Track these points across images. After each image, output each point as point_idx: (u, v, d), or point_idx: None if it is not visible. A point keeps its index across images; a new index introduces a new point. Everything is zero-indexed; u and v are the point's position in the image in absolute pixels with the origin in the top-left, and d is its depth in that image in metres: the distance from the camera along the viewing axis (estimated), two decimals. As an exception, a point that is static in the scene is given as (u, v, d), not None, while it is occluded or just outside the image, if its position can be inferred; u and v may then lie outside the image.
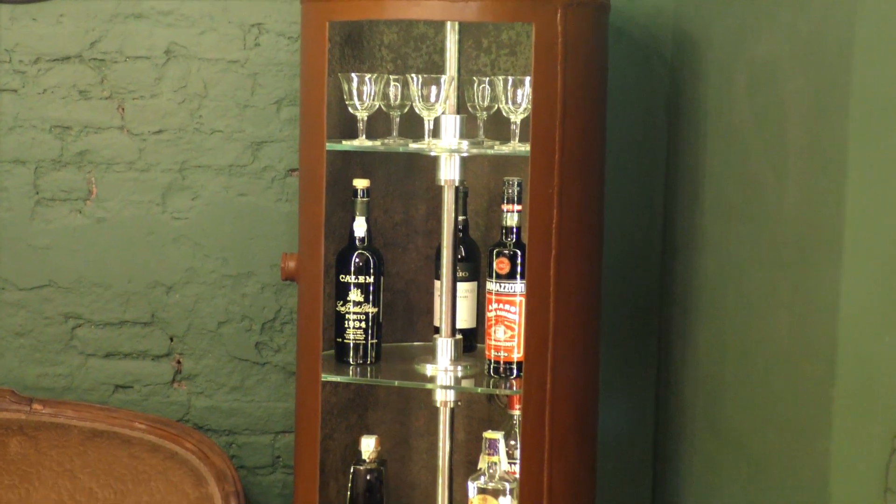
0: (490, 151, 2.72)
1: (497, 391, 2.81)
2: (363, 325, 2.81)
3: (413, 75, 2.68)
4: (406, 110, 2.73)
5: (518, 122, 2.67)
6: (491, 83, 2.68)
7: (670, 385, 3.07)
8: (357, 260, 2.81)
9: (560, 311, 2.64)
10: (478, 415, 3.04)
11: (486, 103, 2.70)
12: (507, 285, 2.71)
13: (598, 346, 2.86)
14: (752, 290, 2.51)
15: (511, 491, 2.70)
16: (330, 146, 2.70)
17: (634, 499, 3.23)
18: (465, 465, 2.99)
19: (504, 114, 2.68)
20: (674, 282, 3.06)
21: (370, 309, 2.82)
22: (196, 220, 3.16)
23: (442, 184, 2.77)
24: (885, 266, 1.95)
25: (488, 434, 2.73)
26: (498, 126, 2.77)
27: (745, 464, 2.51)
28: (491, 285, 2.73)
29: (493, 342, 2.73)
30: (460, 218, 2.86)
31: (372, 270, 2.81)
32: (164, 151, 3.14)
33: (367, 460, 2.83)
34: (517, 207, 2.74)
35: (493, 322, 2.73)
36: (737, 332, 2.59)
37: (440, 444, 2.83)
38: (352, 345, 2.82)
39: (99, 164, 3.14)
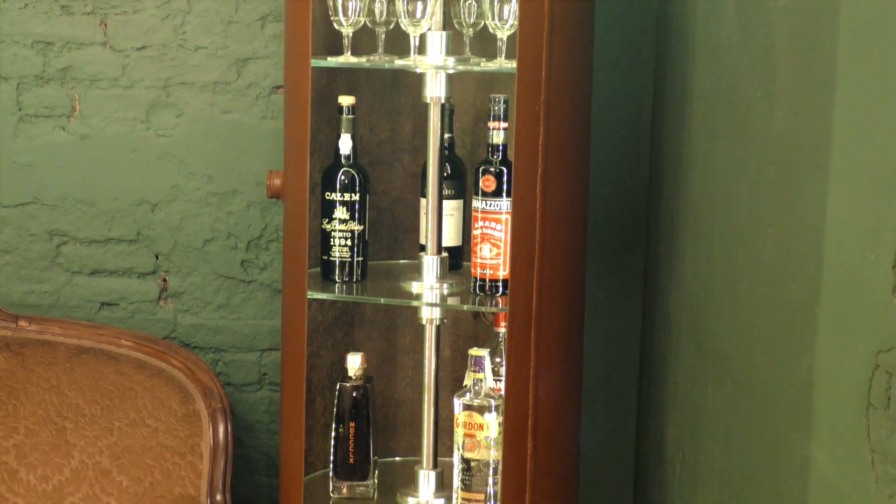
0: (476, 68, 2.70)
1: (483, 309, 2.81)
2: (349, 242, 2.81)
3: (399, -9, 2.66)
4: (392, 27, 2.71)
5: (504, 39, 2.65)
6: (477, -1, 2.66)
7: (656, 303, 3.08)
8: (343, 177, 2.80)
9: (546, 229, 2.64)
10: (463, 332, 3.05)
11: (472, 20, 2.68)
12: (493, 203, 2.71)
13: (585, 264, 2.86)
14: (739, 209, 2.51)
15: (496, 408, 2.72)
16: (315, 63, 2.68)
17: (619, 415, 3.26)
18: (450, 382, 3.01)
19: (490, 30, 2.65)
20: (661, 200, 3.06)
21: (356, 226, 2.81)
22: (181, 137, 3.14)
23: (428, 101, 2.76)
24: (870, 185, 1.95)
25: (474, 351, 2.74)
26: (484, 43, 2.75)
27: (730, 381, 2.53)
28: (477, 203, 2.73)
29: (478, 260, 2.74)
30: (446, 136, 2.84)
31: (357, 188, 2.81)
32: (148, 68, 3.12)
33: (354, 377, 2.85)
34: (503, 125, 2.72)
35: (479, 240, 2.73)
36: (723, 250, 2.60)
37: (426, 362, 2.84)
38: (338, 262, 2.82)
39: (82, 80, 3.11)
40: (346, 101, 2.80)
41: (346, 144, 2.81)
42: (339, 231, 2.81)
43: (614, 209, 3.19)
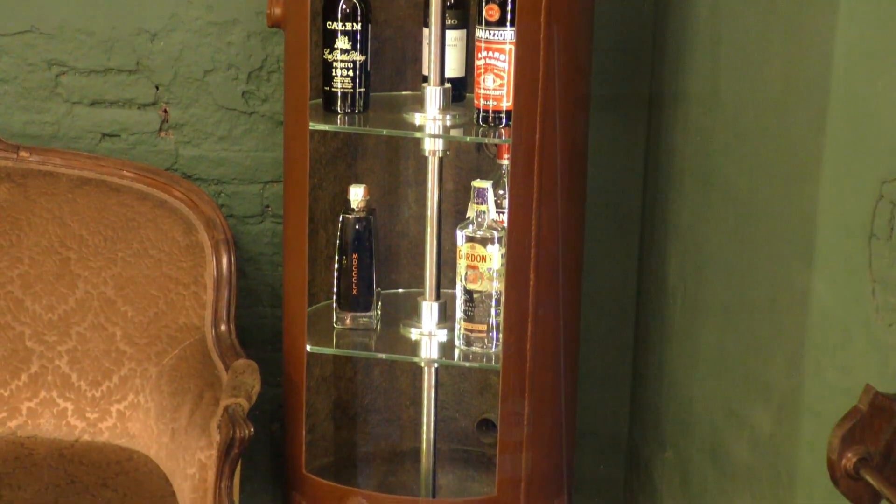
0: None
1: (486, 140, 2.80)
2: (351, 73, 2.78)
3: None
4: None
5: None
6: None
7: (660, 134, 3.06)
8: (344, 6, 2.76)
9: (549, 58, 2.60)
10: (466, 164, 3.04)
11: None
12: (496, 32, 2.67)
13: (590, 93, 2.84)
14: (746, 37, 2.48)
15: (499, 239, 2.72)
16: None
17: (622, 247, 3.26)
18: (453, 214, 3.01)
19: None
20: (666, 31, 3.01)
21: (357, 57, 2.78)
22: (179, -36, 3.09)
23: (431, -73, 2.70)
24: (879, 10, 1.91)
25: (477, 183, 2.73)
26: None
27: (734, 212, 2.53)
28: (480, 33, 2.69)
29: (482, 91, 2.71)
30: (449, -37, 2.79)
31: (359, 17, 2.76)
32: None
33: (356, 209, 2.85)
34: (508, -48, 2.67)
35: (483, 70, 2.70)
36: (729, 79, 2.57)
37: (429, 194, 2.84)
38: (339, 93, 2.80)
39: None
40: (347, -73, 2.74)
41: (347, -28, 2.76)
42: (341, 61, 2.78)
43: (619, 39, 3.14)
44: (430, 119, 2.77)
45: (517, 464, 2.76)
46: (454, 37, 2.84)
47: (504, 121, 2.70)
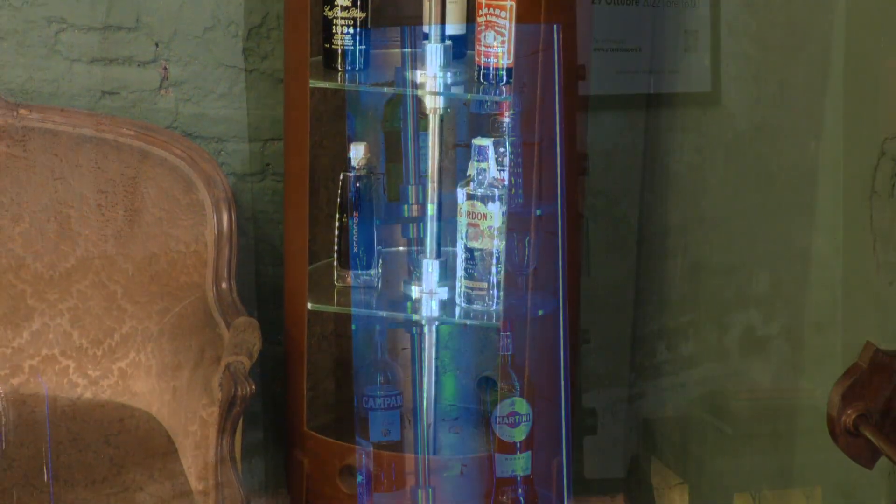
0: None
1: (486, 97, 2.79)
2: (351, 30, 2.77)
3: None
4: None
5: None
6: None
7: (661, 99, 3.05)
8: (344, -37, 2.75)
9: (550, 15, 2.59)
10: (467, 122, 3.03)
11: None
12: (497, -11, 2.66)
13: (590, 52, 2.83)
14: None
15: (500, 197, 2.72)
16: None
17: (622, 199, 3.26)
18: (454, 172, 3.00)
19: None
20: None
21: (358, 14, 2.77)
22: (177, -81, 3.07)
23: None
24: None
25: (478, 141, 2.73)
26: None
27: (734, 168, 2.52)
28: (481, -11, 2.68)
29: (482, 48, 2.69)
30: (450, -81, 2.78)
31: (360, -26, 2.75)
32: None
33: (357, 167, 2.84)
34: None
35: (483, 27, 2.68)
36: (731, 35, 2.56)
37: (430, 152, 2.83)
38: (340, 51, 2.79)
39: None
40: None
41: (347, -71, 2.74)
42: (342, 18, 2.77)
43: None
44: (431, 76, 2.76)
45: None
46: (454, -7, 2.83)
47: (505, 78, 2.69)
